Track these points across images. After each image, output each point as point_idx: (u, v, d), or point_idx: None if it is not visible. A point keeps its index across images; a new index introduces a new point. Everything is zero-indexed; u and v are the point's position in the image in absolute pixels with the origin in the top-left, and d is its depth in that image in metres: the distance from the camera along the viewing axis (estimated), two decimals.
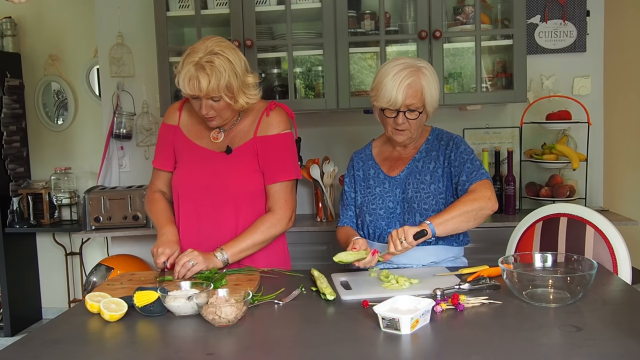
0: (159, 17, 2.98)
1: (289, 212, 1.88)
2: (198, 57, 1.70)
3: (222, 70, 1.69)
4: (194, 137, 1.91)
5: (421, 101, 1.80)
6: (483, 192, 1.76)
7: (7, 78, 3.79)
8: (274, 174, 1.86)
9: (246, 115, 1.90)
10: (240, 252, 1.80)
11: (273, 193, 1.87)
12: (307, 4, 2.95)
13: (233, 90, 1.74)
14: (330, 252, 2.95)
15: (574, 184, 3.11)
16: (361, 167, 2.00)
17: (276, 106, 1.89)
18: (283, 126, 1.88)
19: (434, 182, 1.87)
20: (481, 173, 1.82)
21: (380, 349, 1.20)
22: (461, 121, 3.24)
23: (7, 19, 3.88)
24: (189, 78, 1.70)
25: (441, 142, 1.92)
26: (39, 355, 1.22)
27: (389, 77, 1.78)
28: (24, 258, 3.95)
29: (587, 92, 3.21)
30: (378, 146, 2.03)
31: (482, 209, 1.75)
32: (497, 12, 3.04)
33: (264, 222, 1.84)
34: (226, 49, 1.73)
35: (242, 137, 1.88)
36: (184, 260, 1.69)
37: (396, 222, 1.88)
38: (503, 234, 2.24)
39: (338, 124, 3.34)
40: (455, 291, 1.48)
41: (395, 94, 1.76)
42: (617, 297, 1.50)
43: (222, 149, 1.87)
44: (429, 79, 1.81)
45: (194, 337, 1.30)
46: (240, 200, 1.85)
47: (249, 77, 1.79)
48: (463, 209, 1.73)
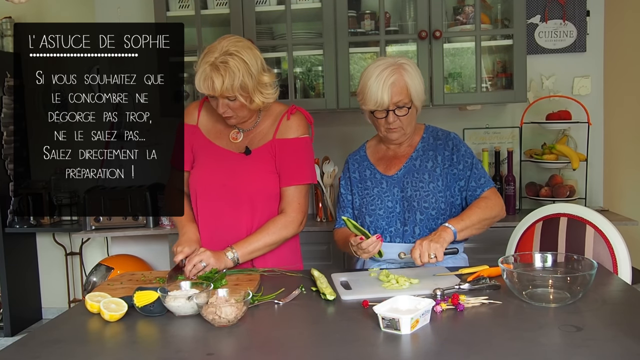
0: (159, 17, 2.99)
1: (300, 215, 1.89)
2: (214, 58, 1.71)
3: (236, 70, 1.70)
4: (213, 137, 1.93)
5: (408, 97, 1.81)
6: (497, 200, 1.86)
7: (7, 78, 3.79)
8: (289, 177, 1.87)
9: (266, 117, 1.91)
10: (251, 253, 1.81)
11: (287, 195, 1.88)
12: (307, 4, 2.96)
13: (248, 90, 1.74)
14: (330, 252, 2.95)
15: (574, 184, 3.11)
16: (357, 169, 2.00)
17: (297, 110, 1.91)
18: (302, 130, 1.90)
19: (432, 180, 1.87)
20: (488, 179, 1.89)
21: (380, 349, 1.20)
22: (461, 121, 3.24)
23: (7, 19, 3.88)
24: (204, 78, 1.72)
25: (438, 142, 1.92)
26: (39, 355, 1.22)
27: (372, 79, 1.80)
28: (24, 258, 3.95)
29: (587, 92, 3.21)
30: (372, 146, 2.04)
31: (496, 217, 1.85)
32: (497, 12, 3.04)
33: (276, 224, 1.85)
34: (242, 49, 1.74)
35: (261, 139, 1.89)
36: (196, 260, 1.70)
37: (396, 220, 1.88)
38: (503, 234, 2.24)
39: (338, 124, 3.34)
40: (455, 291, 1.48)
41: (381, 95, 1.78)
42: (617, 297, 1.50)
43: (241, 150, 1.88)
44: (411, 74, 1.82)
45: (194, 337, 1.30)
46: (257, 200, 1.86)
47: (265, 76, 1.79)
48: (482, 216, 1.80)
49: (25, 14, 3.93)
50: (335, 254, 2.95)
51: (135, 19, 3.42)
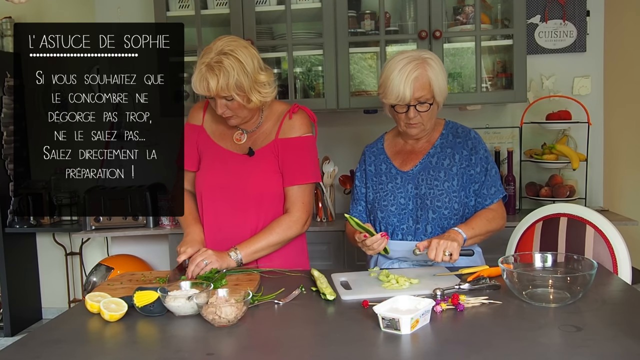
0: (159, 17, 2.99)
1: (305, 215, 1.88)
2: (209, 58, 1.72)
3: (230, 70, 1.70)
4: (217, 139, 1.93)
5: (430, 92, 1.78)
6: (502, 214, 1.88)
7: (7, 78, 3.79)
8: (293, 177, 1.87)
9: (269, 117, 1.91)
10: (255, 253, 1.81)
11: (290, 195, 1.88)
12: (307, 4, 2.95)
13: (244, 89, 1.74)
14: (331, 252, 2.95)
15: (574, 184, 3.11)
16: (373, 162, 1.98)
17: (299, 109, 1.90)
18: (304, 129, 1.89)
19: (447, 179, 1.85)
20: (499, 189, 1.88)
21: (380, 349, 1.20)
22: (461, 121, 3.18)
23: (7, 19, 3.88)
24: (199, 79, 1.73)
25: (457, 139, 1.90)
26: (39, 355, 1.22)
27: (395, 72, 1.77)
28: (24, 258, 3.95)
29: (587, 92, 3.21)
30: (390, 139, 2.01)
31: (497, 230, 1.87)
32: (497, 12, 3.04)
33: (280, 224, 1.85)
34: (237, 48, 1.74)
35: (264, 139, 1.89)
36: (198, 260, 1.70)
37: (408, 218, 1.86)
38: (503, 234, 2.23)
39: (338, 124, 3.34)
40: (455, 291, 1.48)
41: (403, 89, 1.75)
42: (617, 297, 1.50)
43: (245, 151, 1.88)
44: (435, 70, 1.79)
45: (194, 337, 1.30)
46: (262, 201, 1.86)
47: (262, 75, 1.78)
48: (489, 228, 1.83)
49: (25, 14, 3.93)
50: (335, 254, 2.95)
51: (135, 19, 3.43)
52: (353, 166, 2.80)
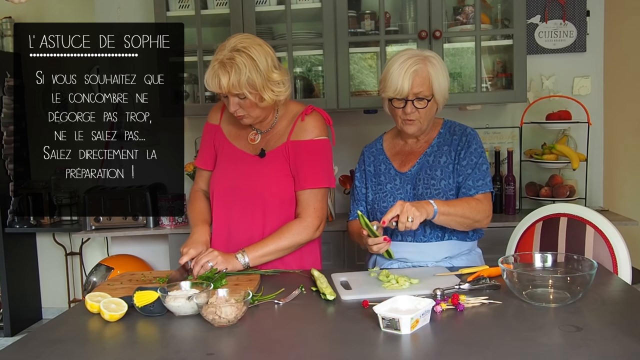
0: (159, 17, 2.98)
1: (317, 220, 1.84)
2: (222, 55, 1.71)
3: (242, 67, 1.68)
4: (232, 138, 1.92)
5: (429, 89, 1.78)
6: (486, 207, 1.81)
7: (7, 78, 3.79)
8: (304, 180, 1.83)
9: (283, 118, 1.88)
10: (262, 257, 1.78)
11: (302, 200, 1.84)
12: (307, 4, 2.95)
13: (256, 86, 1.71)
14: (330, 252, 2.95)
15: (574, 184, 3.11)
16: (372, 162, 1.97)
17: (313, 110, 1.87)
18: (317, 132, 1.85)
19: (444, 177, 1.84)
20: (487, 184, 1.84)
21: (380, 349, 1.20)
22: (461, 121, 3.19)
23: (7, 19, 3.88)
24: (212, 76, 1.72)
25: (454, 137, 1.89)
26: (39, 355, 1.22)
27: (394, 66, 1.77)
28: (24, 258, 3.95)
29: (587, 92, 3.21)
30: (389, 139, 2.01)
31: (477, 222, 1.80)
32: (497, 12, 3.04)
33: (290, 229, 1.82)
34: (250, 45, 1.72)
35: (276, 141, 1.86)
36: (204, 261, 1.69)
37: None
38: (503, 234, 2.24)
39: (338, 124, 3.31)
40: (455, 291, 1.48)
41: (402, 82, 1.75)
42: (617, 297, 1.50)
43: (257, 152, 1.86)
44: (436, 67, 1.79)
45: (194, 337, 1.30)
46: (269, 203, 1.83)
47: (275, 73, 1.76)
48: (467, 212, 1.75)
49: (25, 14, 3.93)
50: (335, 254, 2.95)
51: (135, 19, 3.42)
52: (353, 166, 2.80)
